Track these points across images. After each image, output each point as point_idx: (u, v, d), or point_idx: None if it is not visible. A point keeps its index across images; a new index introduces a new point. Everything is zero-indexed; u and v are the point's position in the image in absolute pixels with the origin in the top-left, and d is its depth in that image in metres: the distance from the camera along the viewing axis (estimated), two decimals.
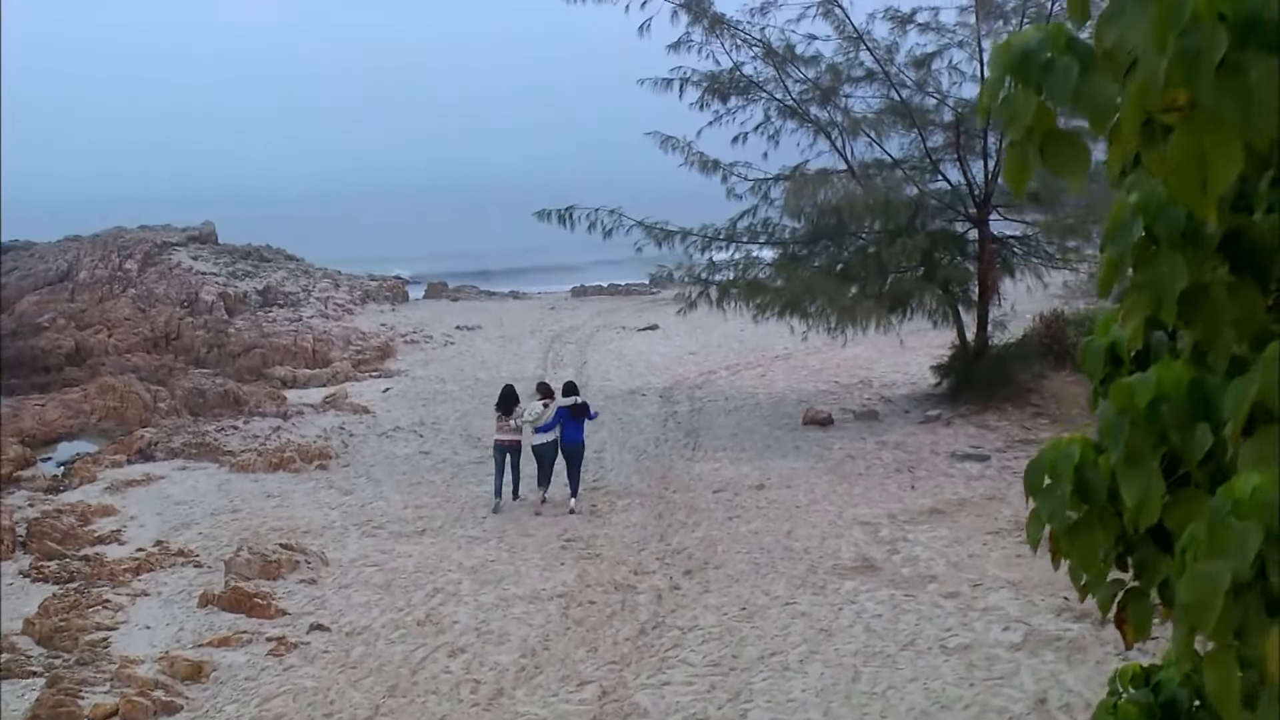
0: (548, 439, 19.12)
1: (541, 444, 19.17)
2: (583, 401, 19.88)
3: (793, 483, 19.61)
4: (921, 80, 24.03)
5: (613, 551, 16.65)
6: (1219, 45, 2.16)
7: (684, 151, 23.81)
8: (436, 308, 45.61)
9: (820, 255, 23.97)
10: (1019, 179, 2.78)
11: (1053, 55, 2.63)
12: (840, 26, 24.00)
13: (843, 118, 23.89)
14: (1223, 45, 2.16)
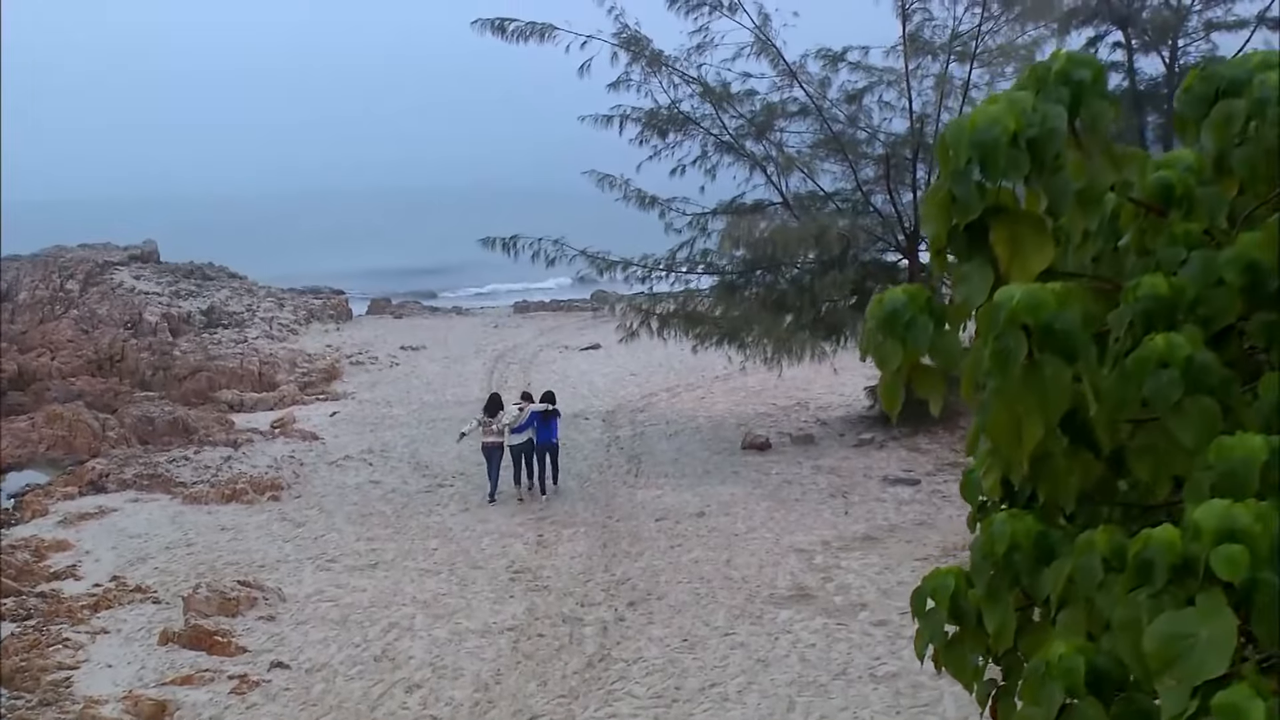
0: (521, 439, 21.82)
1: (517, 444, 21.81)
2: (554, 409, 22.30)
3: (732, 510, 20.42)
4: (853, 115, 25.00)
5: (560, 583, 17.35)
6: (1021, 349, 2.94)
7: (622, 188, 24.58)
8: (380, 326, 45.99)
9: (756, 286, 24.82)
10: (891, 402, 3.54)
11: (914, 314, 3.40)
12: (775, 63, 24.87)
13: (777, 153, 24.76)
14: (1024, 349, 2.94)
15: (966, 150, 3.27)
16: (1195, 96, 4.21)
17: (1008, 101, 3.35)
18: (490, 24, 24.04)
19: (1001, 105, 3.33)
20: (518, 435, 21.80)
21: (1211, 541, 2.63)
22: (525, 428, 21.84)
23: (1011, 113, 3.30)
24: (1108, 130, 3.62)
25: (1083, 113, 3.58)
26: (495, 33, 23.99)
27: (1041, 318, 3.02)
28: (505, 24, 23.96)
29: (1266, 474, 2.90)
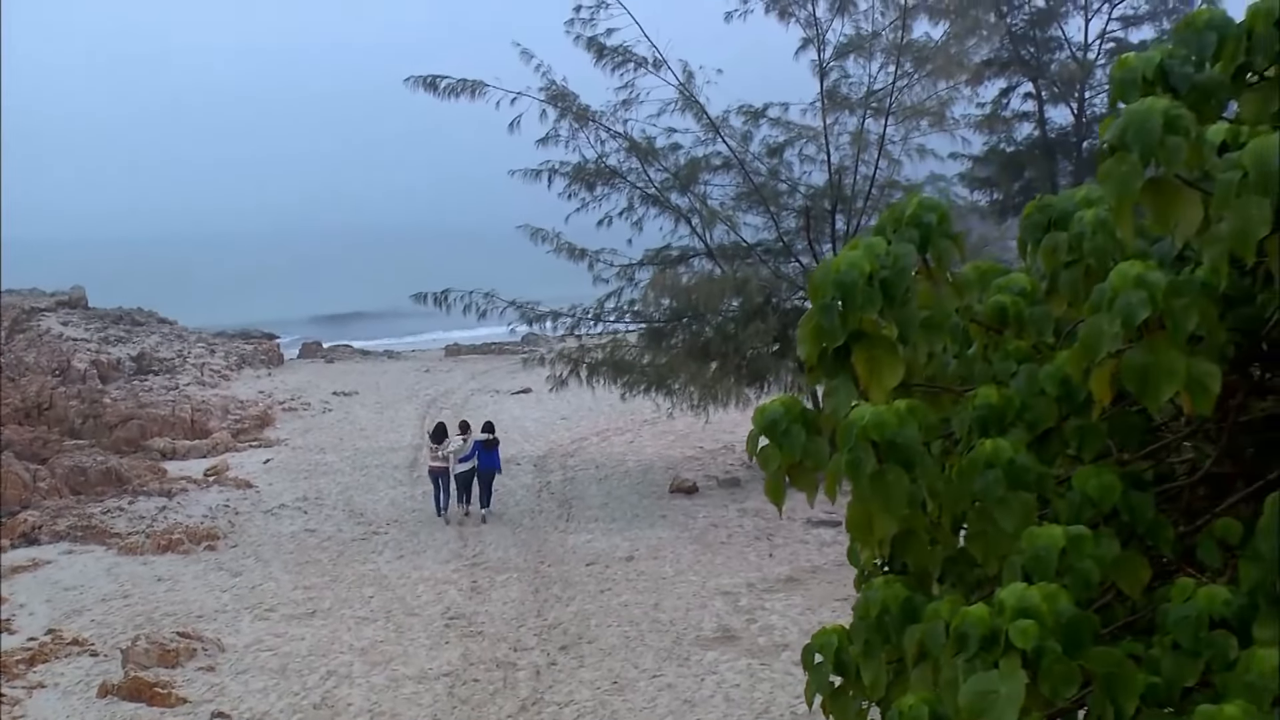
0: (466, 467, 24.36)
1: (461, 471, 24.32)
2: (495, 438, 24.86)
3: (660, 553, 21.09)
4: (774, 169, 25.95)
5: (494, 628, 17.88)
6: (869, 461, 3.66)
7: (553, 241, 25.30)
8: (312, 371, 46.24)
9: (683, 334, 25.60)
10: (776, 496, 4.24)
11: (789, 424, 4.11)
12: (699, 118, 25.76)
13: (702, 205, 25.62)
14: (872, 460, 3.66)
15: (831, 289, 3.99)
16: (1032, 224, 5.00)
17: (865, 247, 4.07)
18: (422, 81, 24.73)
19: (860, 250, 4.06)
20: (464, 463, 24.34)
21: (1011, 617, 3.35)
22: (470, 456, 24.36)
23: (867, 257, 4.02)
24: (950, 263, 4.38)
25: (930, 250, 4.34)
26: (427, 90, 24.69)
27: (885, 434, 3.74)
28: (437, 81, 24.65)
29: (1063, 559, 3.63)
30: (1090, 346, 3.88)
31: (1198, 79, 4.83)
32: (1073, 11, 37.42)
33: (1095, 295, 3.94)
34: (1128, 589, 4.04)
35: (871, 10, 25.53)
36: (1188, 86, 4.84)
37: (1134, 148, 4.00)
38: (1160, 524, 4.08)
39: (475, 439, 24.66)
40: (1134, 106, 4.10)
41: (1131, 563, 4.02)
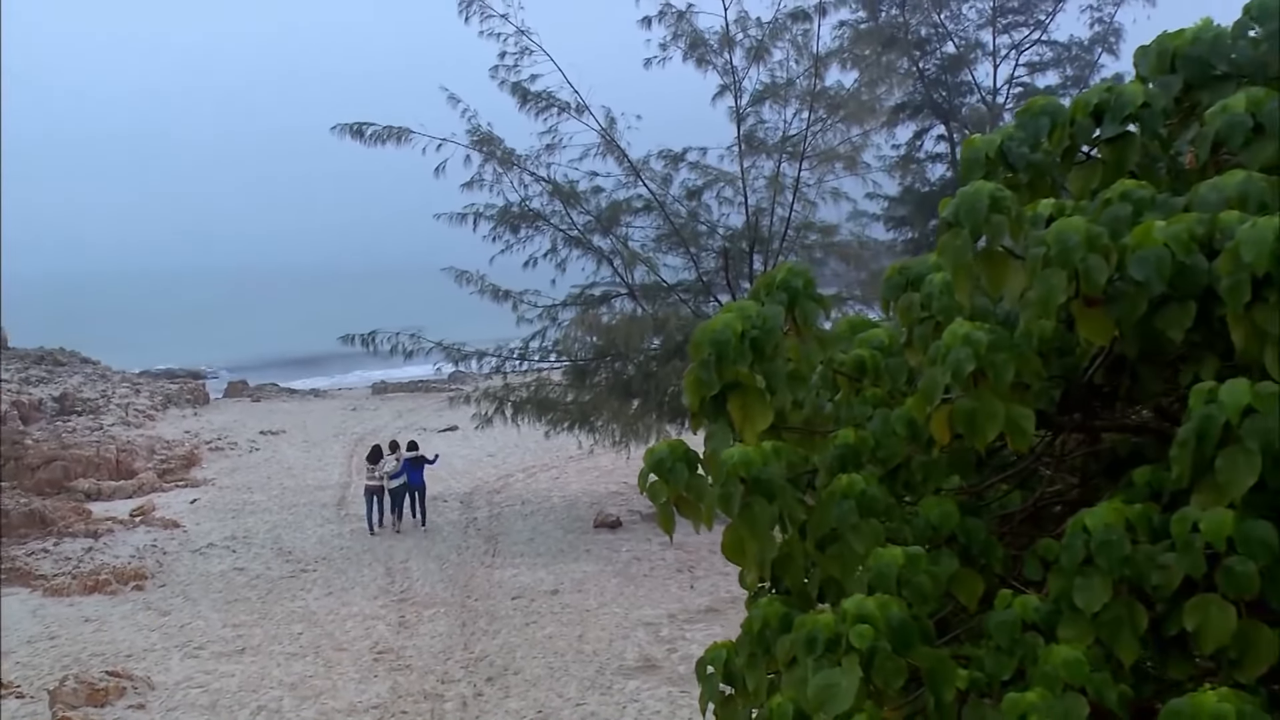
0: (398, 483, 26.92)
1: (394, 487, 26.85)
2: (421, 455, 27.50)
3: (584, 586, 21.65)
4: (694, 211, 26.77)
5: (421, 662, 18.31)
6: (739, 494, 4.32)
7: (478, 283, 25.88)
8: (239, 410, 46.27)
9: (605, 372, 26.26)
10: (666, 524, 4.88)
11: (674, 462, 4.76)
12: (620, 162, 26.54)
13: (623, 247, 26.36)
14: (740, 494, 4.32)
15: (708, 346, 4.65)
16: (893, 284, 5.73)
17: (739, 309, 4.75)
18: (349, 128, 25.24)
19: (734, 312, 4.73)
20: (396, 480, 26.86)
21: (851, 622, 4.00)
22: (401, 474, 26.93)
23: (740, 318, 4.69)
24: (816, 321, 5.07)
25: (797, 311, 5.03)
26: (354, 137, 25.19)
27: (752, 471, 4.40)
28: (363, 128, 25.18)
29: (902, 574, 4.31)
30: (928, 394, 4.58)
31: (1032, 158, 5.62)
32: (982, 58, 38.89)
33: (932, 350, 4.65)
34: (965, 600, 4.73)
35: (786, 59, 26.54)
36: (1024, 165, 5.63)
37: (965, 224, 4.71)
38: (991, 545, 4.78)
39: (406, 457, 27.25)
40: (965, 189, 4.81)
41: (967, 578, 4.71)
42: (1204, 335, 4.33)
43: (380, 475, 26.83)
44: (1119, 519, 4.15)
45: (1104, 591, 4.10)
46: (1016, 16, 38.73)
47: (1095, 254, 4.31)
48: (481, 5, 25.73)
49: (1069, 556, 4.21)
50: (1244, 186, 4.52)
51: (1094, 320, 4.41)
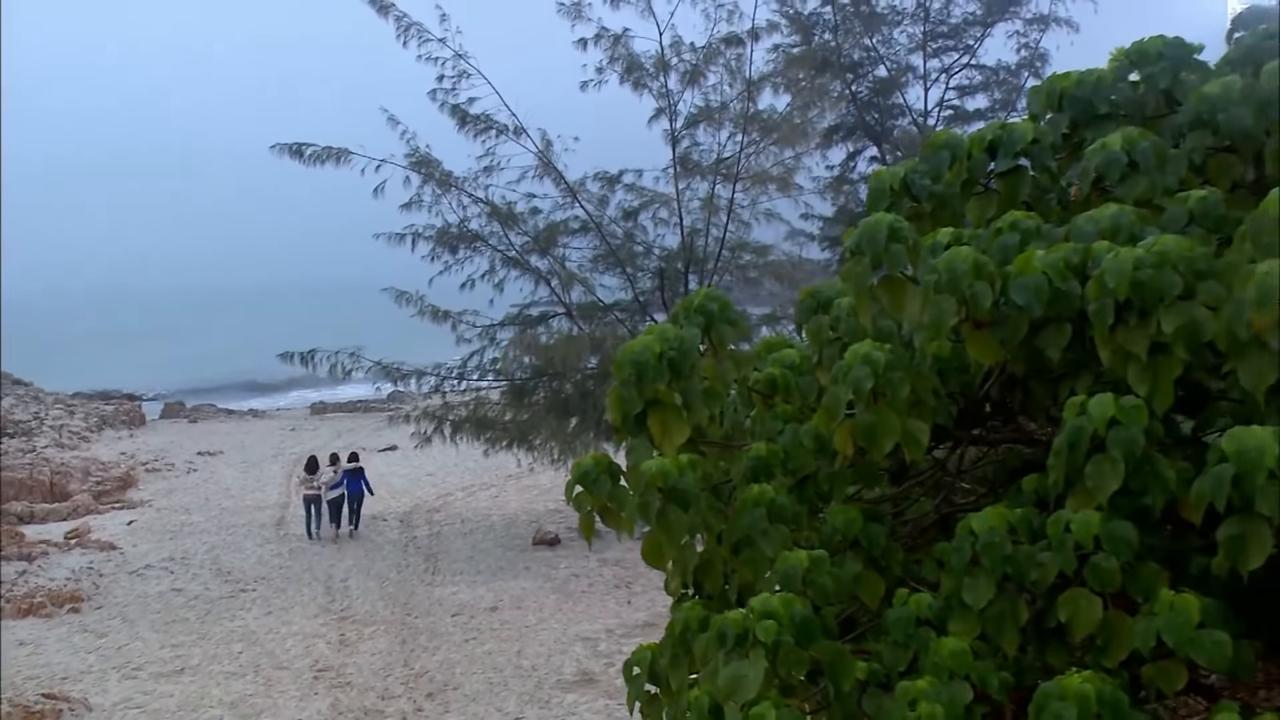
0: (336, 494, 27.89)
1: (333, 497, 27.82)
2: (360, 466, 28.66)
3: (523, 603, 21.90)
4: (630, 232, 27.18)
5: (361, 679, 18.47)
6: (655, 503, 4.68)
7: (417, 304, 26.09)
8: (175, 431, 46.00)
9: (543, 391, 26.56)
10: (588, 532, 5.24)
11: (599, 474, 5.11)
12: (557, 183, 26.90)
13: (560, 267, 26.70)
14: (657, 502, 4.69)
15: (629, 367, 5.02)
16: (805, 308, 6.15)
17: (658, 332, 5.13)
18: (288, 149, 25.38)
19: (654, 335, 5.11)
20: (334, 490, 27.85)
21: (758, 618, 4.38)
22: (339, 484, 27.94)
23: (659, 340, 5.07)
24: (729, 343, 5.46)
25: (713, 334, 5.42)
26: (293, 157, 25.34)
27: (668, 482, 4.78)
28: (303, 149, 25.35)
29: (807, 575, 4.69)
30: (831, 410, 4.98)
31: (934, 190, 6.05)
32: (913, 82, 39.68)
33: (835, 369, 5.04)
34: (867, 600, 5.13)
35: (720, 82, 27.04)
36: (927, 195, 6.06)
37: (866, 252, 5.12)
38: (891, 548, 5.19)
39: (344, 468, 28.30)
40: (867, 220, 5.23)
41: (870, 580, 5.12)
42: (1079, 354, 4.76)
43: (318, 485, 27.92)
44: (1002, 522, 4.56)
45: (989, 588, 4.51)
46: (946, 41, 39.49)
47: (981, 281, 4.73)
48: (419, 30, 26.00)
49: (957, 557, 4.62)
50: (1116, 219, 4.97)
51: (982, 341, 4.83)
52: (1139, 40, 6.28)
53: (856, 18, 38.40)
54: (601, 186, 27.12)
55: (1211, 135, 5.51)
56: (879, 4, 38.58)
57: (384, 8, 26.21)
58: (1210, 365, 4.47)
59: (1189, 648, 3.98)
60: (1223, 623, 4.01)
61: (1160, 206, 5.27)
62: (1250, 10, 7.35)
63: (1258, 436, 3.91)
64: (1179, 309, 4.29)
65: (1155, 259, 4.35)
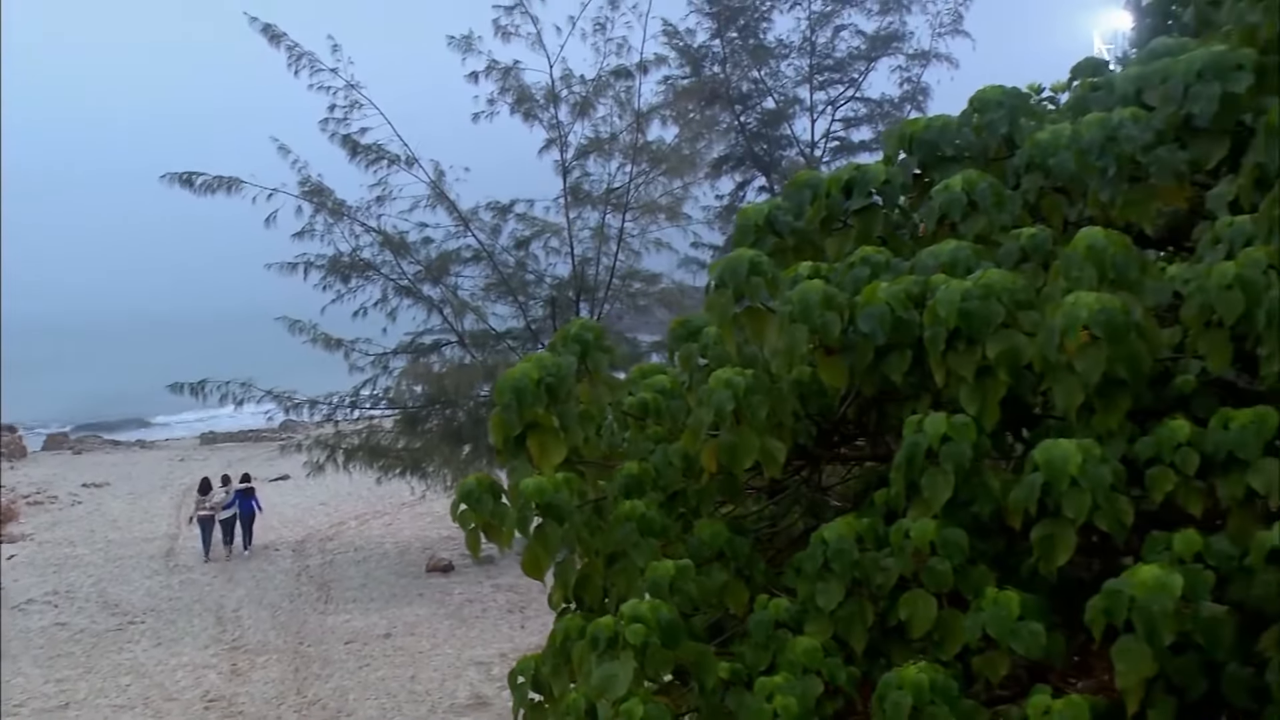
0: (229, 514, 28.78)
1: (225, 517, 28.68)
2: (251, 486, 29.88)
3: (417, 629, 22.02)
4: (522, 260, 27.53)
5: (254, 708, 18.45)
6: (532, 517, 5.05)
7: (310, 332, 26.13)
8: (59, 463, 45.10)
9: (436, 419, 26.73)
10: (473, 549, 5.57)
11: (481, 493, 5.46)
12: (450, 212, 27.17)
13: (453, 296, 26.95)
14: (534, 517, 5.05)
15: (509, 392, 5.38)
16: (676, 335, 6.58)
17: (536, 360, 5.49)
18: (178, 177, 25.30)
19: (532, 362, 5.47)
20: (227, 510, 28.69)
21: (628, 622, 4.75)
22: (232, 504, 28.88)
23: (537, 367, 5.44)
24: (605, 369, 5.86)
25: (589, 360, 5.81)
26: (184, 185, 25.26)
27: (544, 498, 5.15)
28: (193, 177, 25.28)
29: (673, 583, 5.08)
30: (695, 431, 5.39)
31: (796, 226, 6.51)
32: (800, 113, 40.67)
33: (700, 393, 5.45)
34: (733, 607, 5.53)
35: (610, 114, 27.58)
36: (789, 231, 6.52)
37: (729, 285, 5.55)
38: (755, 559, 5.60)
39: (236, 489, 29.39)
40: (729, 255, 5.66)
41: (735, 588, 5.52)
42: (920, 377, 5.22)
43: (211, 506, 28.69)
44: (850, 531, 5.01)
45: (839, 592, 4.95)
46: (832, 74, 40.54)
47: (831, 311, 5.18)
48: (311, 59, 26.14)
49: (811, 564, 5.05)
50: (954, 253, 5.46)
51: (832, 366, 5.28)
52: (982, 88, 6.84)
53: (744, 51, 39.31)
54: (493, 216, 27.49)
55: (1044, 177, 6.03)
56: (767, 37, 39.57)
57: (275, 37, 26.31)
58: (1033, 386, 4.97)
59: (1010, 639, 4.44)
60: (1039, 616, 4.48)
61: (997, 242, 5.77)
62: (1086, 61, 8.01)
63: (1064, 448, 4.40)
64: (1001, 336, 4.77)
65: (982, 291, 4.84)
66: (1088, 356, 4.49)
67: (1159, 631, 3.97)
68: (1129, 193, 5.60)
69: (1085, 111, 6.33)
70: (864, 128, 41.10)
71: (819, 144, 40.78)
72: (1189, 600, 4.04)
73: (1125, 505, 4.42)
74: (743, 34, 38.93)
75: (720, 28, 38.28)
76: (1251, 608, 4.14)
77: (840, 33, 39.70)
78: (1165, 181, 5.51)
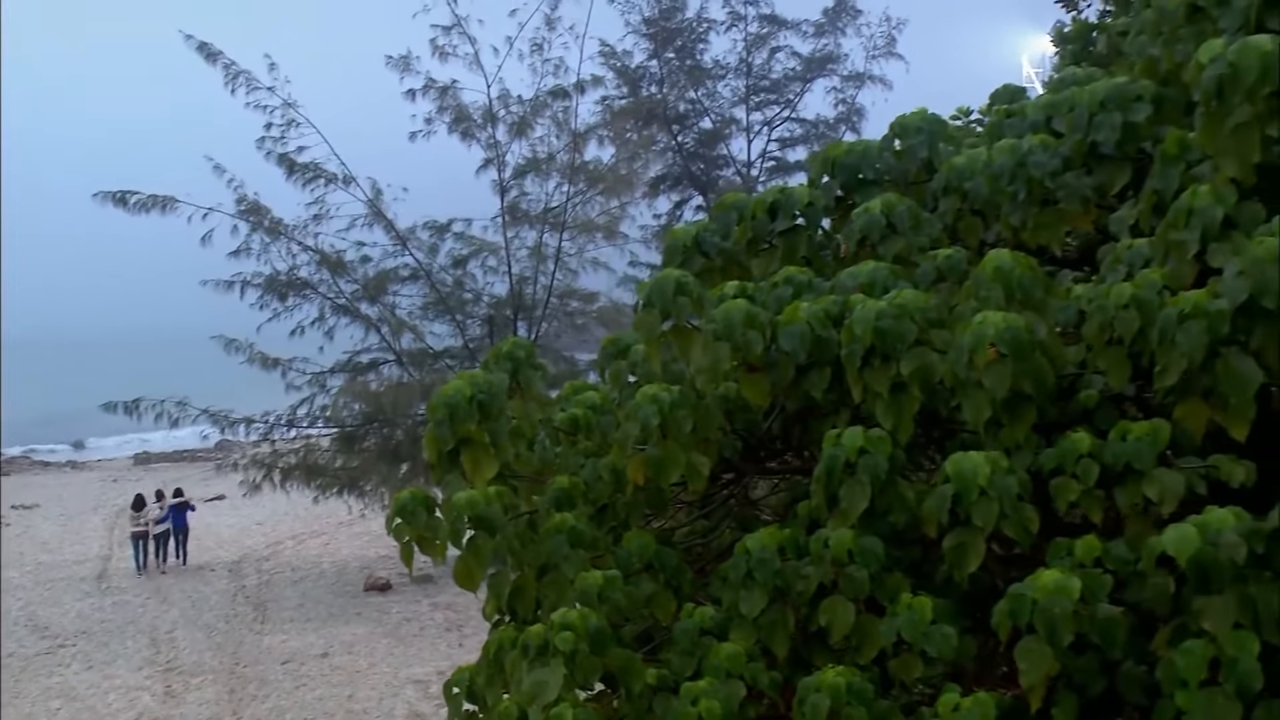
0: (163, 528, 29.23)
1: (159, 532, 29.10)
2: (185, 500, 30.19)
3: (354, 648, 21.96)
4: (459, 279, 27.60)
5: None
6: (465, 529, 5.19)
7: (246, 351, 26.02)
8: None
9: (374, 438, 26.69)
10: (407, 561, 5.70)
11: (415, 507, 5.59)
12: (388, 231, 27.21)
13: (390, 315, 26.97)
14: (466, 529, 5.19)
15: (443, 409, 5.53)
16: (606, 354, 6.76)
17: (469, 377, 5.65)
18: (112, 196, 25.13)
19: (465, 380, 5.63)
20: (161, 525, 29.16)
21: (557, 631, 4.91)
22: (166, 519, 29.34)
23: (469, 384, 5.59)
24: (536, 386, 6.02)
25: (520, 377, 5.97)
26: (117, 205, 25.10)
27: (476, 511, 5.30)
28: (127, 196, 25.12)
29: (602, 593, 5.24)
30: (622, 445, 5.56)
31: (723, 247, 6.71)
32: (737, 133, 41.14)
33: (628, 408, 5.63)
34: (660, 616, 5.70)
35: (547, 134, 27.78)
36: (717, 252, 6.72)
37: (656, 304, 5.73)
38: (682, 569, 5.78)
39: (170, 504, 29.72)
40: (657, 276, 5.84)
41: (663, 598, 5.69)
42: (839, 393, 5.44)
43: (145, 521, 28.88)
44: (773, 541, 5.20)
45: (761, 599, 5.14)
46: (768, 95, 41.11)
47: (753, 329, 5.38)
48: (248, 77, 26.11)
49: (735, 574, 5.24)
50: (872, 274, 5.69)
51: (754, 383, 5.48)
52: (902, 114, 7.10)
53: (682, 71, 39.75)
54: (431, 235, 27.57)
55: (961, 200, 6.28)
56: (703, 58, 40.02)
57: (211, 55, 26.25)
58: (945, 401, 5.19)
59: (923, 642, 4.65)
60: (951, 620, 4.69)
61: (915, 263, 6.00)
62: (1004, 88, 8.31)
63: (973, 460, 4.62)
64: (914, 353, 5.00)
65: (896, 310, 5.06)
66: (994, 373, 4.72)
67: (1059, 632, 4.19)
68: (1039, 216, 5.86)
69: (1000, 137, 6.62)
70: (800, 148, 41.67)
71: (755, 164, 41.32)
72: (1087, 602, 4.26)
73: (1031, 514, 4.66)
74: (680, 55, 39.39)
75: (657, 49, 38.72)
76: (1145, 609, 4.38)
77: (776, 54, 40.34)
78: (1072, 206, 5.78)
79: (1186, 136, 5.20)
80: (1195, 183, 4.96)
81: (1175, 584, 4.26)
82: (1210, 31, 5.24)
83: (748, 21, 39.42)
